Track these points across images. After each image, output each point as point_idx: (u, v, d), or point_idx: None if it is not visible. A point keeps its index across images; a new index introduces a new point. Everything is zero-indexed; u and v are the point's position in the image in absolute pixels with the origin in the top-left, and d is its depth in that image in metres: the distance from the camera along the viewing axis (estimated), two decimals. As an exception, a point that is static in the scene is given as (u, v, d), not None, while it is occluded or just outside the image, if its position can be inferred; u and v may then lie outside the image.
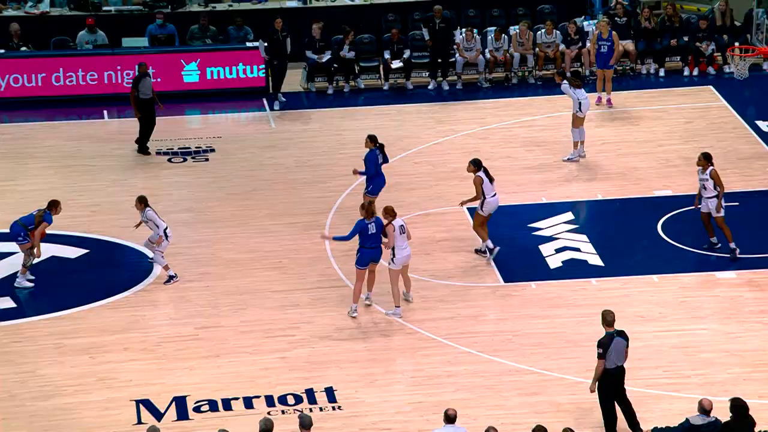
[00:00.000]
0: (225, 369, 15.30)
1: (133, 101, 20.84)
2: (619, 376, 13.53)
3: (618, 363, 13.49)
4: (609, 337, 13.47)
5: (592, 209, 19.26)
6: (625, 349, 13.55)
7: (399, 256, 15.99)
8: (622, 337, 13.56)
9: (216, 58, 23.24)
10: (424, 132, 21.83)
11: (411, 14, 24.50)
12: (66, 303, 16.76)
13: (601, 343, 13.47)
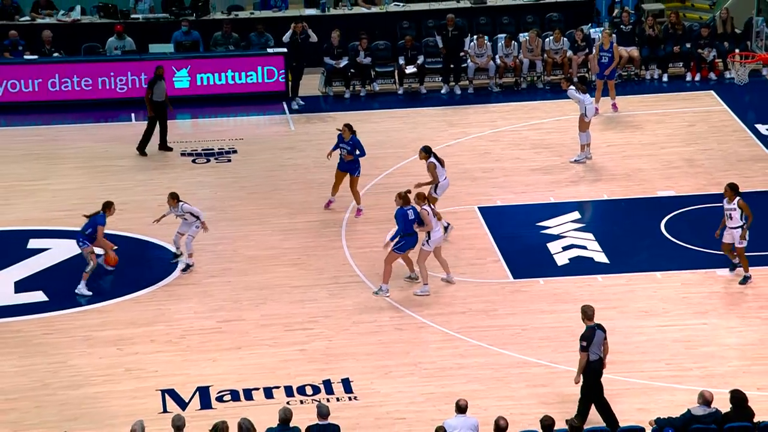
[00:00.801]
0: (246, 360, 15.32)
1: (148, 102, 20.90)
2: (599, 367, 13.51)
3: (600, 354, 13.49)
4: (591, 330, 13.48)
5: (597, 209, 19.21)
6: (603, 341, 13.54)
7: (433, 238, 16.35)
8: (601, 329, 13.54)
9: (238, 64, 23.25)
10: (437, 134, 21.80)
11: (425, 22, 24.48)
12: (95, 297, 16.79)
13: (584, 337, 13.49)
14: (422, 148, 17.89)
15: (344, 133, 18.51)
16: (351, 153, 18.51)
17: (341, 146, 18.59)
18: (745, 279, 16.40)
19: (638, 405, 14.16)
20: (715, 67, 23.48)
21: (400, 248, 16.41)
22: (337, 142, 18.70)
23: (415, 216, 16.35)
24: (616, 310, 16.21)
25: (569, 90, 20.01)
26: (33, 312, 16.47)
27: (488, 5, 24.70)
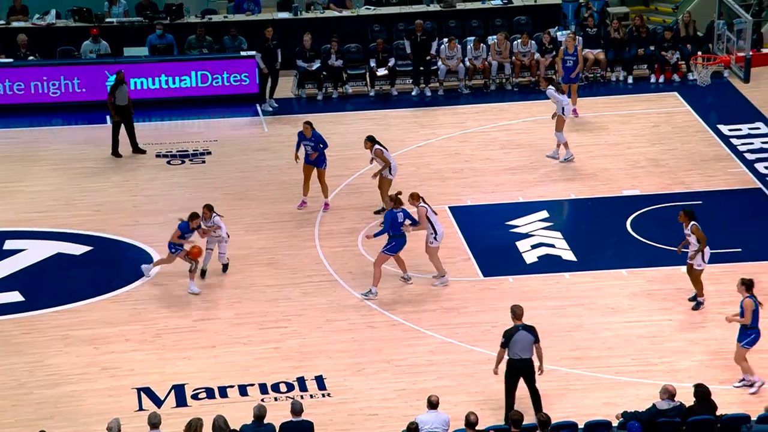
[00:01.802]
0: (221, 359, 15.26)
1: (111, 107, 20.78)
2: (524, 368, 13.54)
3: (522, 355, 13.49)
4: (513, 329, 13.56)
5: (565, 208, 19.27)
6: (532, 345, 13.52)
7: (440, 232, 16.54)
8: (528, 331, 13.55)
9: (211, 66, 23.16)
10: (408, 135, 21.80)
11: (395, 25, 24.47)
12: (71, 297, 16.68)
13: (504, 333, 13.59)
14: (366, 138, 18.38)
15: (306, 131, 18.62)
16: (315, 149, 18.55)
17: (304, 144, 18.63)
18: (698, 304, 15.85)
19: (605, 399, 14.23)
20: (679, 69, 23.61)
21: (389, 249, 16.37)
22: (299, 141, 18.72)
23: (404, 218, 16.34)
24: (584, 307, 16.27)
25: (548, 90, 20.08)
26: (9, 312, 16.34)
27: (457, 9, 24.73)
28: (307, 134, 18.65)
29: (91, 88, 22.90)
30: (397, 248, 16.35)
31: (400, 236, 16.32)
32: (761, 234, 18.07)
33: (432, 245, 16.56)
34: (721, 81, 23.07)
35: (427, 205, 16.61)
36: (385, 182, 18.44)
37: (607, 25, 24.11)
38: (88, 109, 22.88)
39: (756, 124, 21.66)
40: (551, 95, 20.03)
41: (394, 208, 16.36)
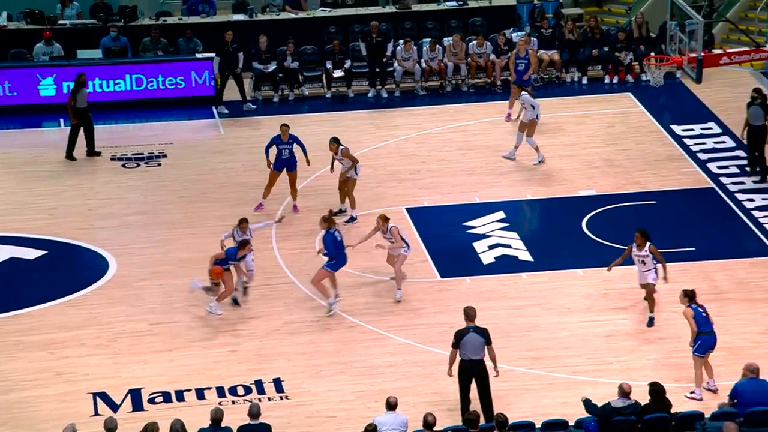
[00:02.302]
0: (178, 362, 15.16)
1: (70, 110, 20.59)
2: (476, 369, 13.58)
3: (472, 357, 13.54)
4: (464, 331, 13.62)
5: (522, 208, 19.34)
6: (483, 346, 13.56)
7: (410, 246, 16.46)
8: (478, 333, 13.60)
9: (167, 69, 23.01)
10: (365, 137, 21.78)
11: (351, 26, 24.45)
12: (25, 301, 16.47)
13: (455, 334, 13.66)
14: (331, 139, 18.43)
15: (283, 134, 18.60)
16: (292, 152, 18.61)
17: (281, 147, 18.54)
18: (651, 321, 15.64)
19: (562, 399, 14.29)
20: (632, 70, 23.79)
21: (331, 267, 16.13)
22: (272, 143, 18.57)
23: (341, 236, 16.15)
24: (540, 307, 16.34)
25: (524, 95, 20.02)
26: (-38, 318, 16.12)
27: (413, 10, 24.75)
28: (284, 138, 18.55)
29: (27, 92, 22.59)
30: (338, 266, 16.09)
31: (340, 255, 16.07)
32: (714, 233, 18.26)
33: (403, 253, 16.29)
34: (673, 81, 23.28)
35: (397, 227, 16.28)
36: (350, 182, 18.43)
37: (561, 26, 24.25)
38: (41, 112, 22.64)
39: (708, 125, 21.88)
40: (527, 100, 19.97)
41: (329, 229, 16.02)
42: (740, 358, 14.52)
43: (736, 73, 23.60)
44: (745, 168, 19.91)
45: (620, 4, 26.59)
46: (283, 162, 18.70)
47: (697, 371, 14.19)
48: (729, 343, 15.24)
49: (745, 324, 15.75)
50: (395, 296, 16.34)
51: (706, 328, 14.12)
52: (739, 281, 16.80)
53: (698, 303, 14.27)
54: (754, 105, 19.12)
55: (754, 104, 19.11)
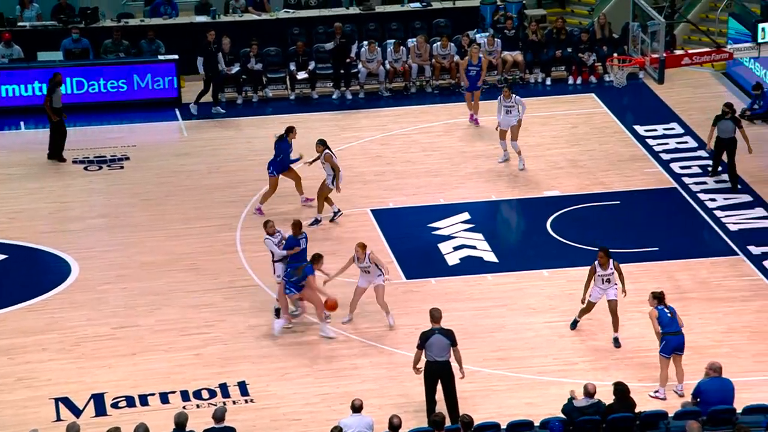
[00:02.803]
0: (141, 366, 15.07)
1: (49, 109, 20.43)
2: (441, 370, 13.60)
3: (437, 358, 13.56)
4: (430, 332, 13.66)
5: (486, 209, 19.39)
6: (448, 347, 13.58)
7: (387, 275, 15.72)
8: (443, 335, 13.63)
9: (129, 71, 22.86)
10: (329, 139, 21.55)
11: (315, 28, 24.42)
12: (-14, 307, 16.33)
13: (421, 335, 13.70)
14: (318, 141, 18.31)
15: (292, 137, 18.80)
16: None
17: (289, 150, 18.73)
18: (616, 341, 15.31)
19: (528, 399, 14.34)
20: (595, 71, 23.93)
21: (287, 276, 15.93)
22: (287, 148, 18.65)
23: (306, 245, 15.92)
24: (506, 308, 16.39)
25: (515, 97, 19.90)
26: None
27: (377, 12, 24.76)
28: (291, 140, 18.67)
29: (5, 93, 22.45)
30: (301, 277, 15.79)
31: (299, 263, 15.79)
32: (677, 233, 18.40)
33: (382, 282, 15.67)
34: (636, 82, 23.44)
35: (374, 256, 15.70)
36: (326, 190, 18.29)
37: (525, 27, 24.35)
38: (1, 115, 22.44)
39: (671, 125, 22.05)
40: (518, 102, 19.80)
41: (296, 235, 15.82)
42: (703, 357, 14.64)
43: (697, 74, 23.82)
44: (707, 168, 20.08)
45: (583, 5, 26.75)
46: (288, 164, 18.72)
47: (663, 371, 14.29)
48: (692, 343, 15.33)
49: (707, 323, 15.89)
50: (388, 322, 15.75)
51: (670, 329, 14.21)
52: (702, 281, 16.95)
53: (666, 304, 14.36)
54: (724, 119, 18.97)
55: (725, 118, 18.96)
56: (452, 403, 13.72)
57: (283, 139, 18.80)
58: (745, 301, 16.40)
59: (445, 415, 13.14)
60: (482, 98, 22.71)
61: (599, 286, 15.29)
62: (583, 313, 15.60)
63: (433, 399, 13.74)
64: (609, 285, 15.27)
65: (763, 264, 17.30)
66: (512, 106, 19.90)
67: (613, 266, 15.24)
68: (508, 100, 19.82)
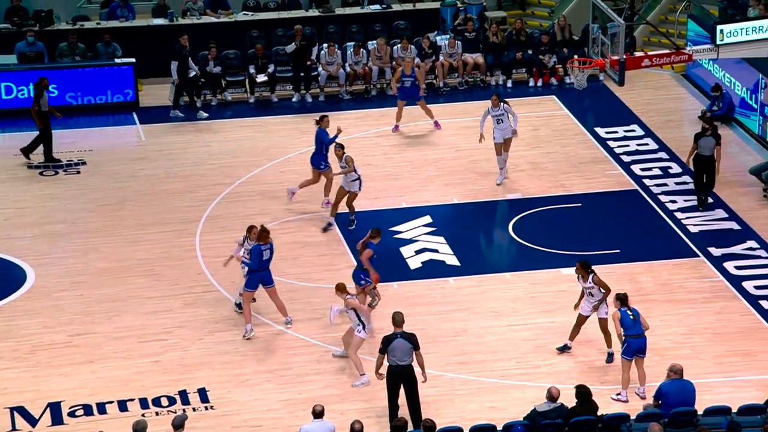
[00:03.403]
0: (99, 374, 14.94)
1: (35, 114, 20.34)
2: (403, 374, 13.59)
3: (400, 362, 13.57)
4: (392, 336, 13.69)
5: (448, 212, 19.42)
6: (411, 352, 13.58)
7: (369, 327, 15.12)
8: (406, 339, 13.64)
9: (85, 74, 22.66)
10: (290, 142, 21.70)
11: (274, 30, 24.35)
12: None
13: (383, 339, 13.73)
14: (337, 145, 18.18)
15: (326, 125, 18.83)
16: None
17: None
18: (610, 356, 15.14)
19: (490, 403, 14.37)
20: (556, 73, 24.04)
21: (249, 285, 15.71)
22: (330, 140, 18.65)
23: (270, 255, 15.76)
24: (468, 311, 16.41)
25: (504, 106, 19.37)
26: None
27: (336, 14, 24.74)
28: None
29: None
30: (254, 284, 15.57)
31: (261, 271, 15.56)
32: (639, 235, 18.52)
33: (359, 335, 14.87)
34: (597, 84, 23.57)
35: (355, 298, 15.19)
36: (342, 192, 18.11)
37: (485, 29, 24.42)
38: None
39: (631, 127, 22.20)
40: (509, 111, 19.35)
41: (260, 243, 15.63)
42: (664, 359, 14.76)
43: (657, 75, 24.01)
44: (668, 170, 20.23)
45: (543, 7, 26.88)
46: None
47: (624, 374, 14.36)
48: (653, 344, 15.43)
49: (668, 325, 16.00)
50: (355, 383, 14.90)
51: (632, 331, 14.28)
52: (663, 282, 17.07)
53: (629, 306, 14.42)
54: (704, 136, 18.59)
55: (705, 135, 18.60)
56: (415, 408, 13.71)
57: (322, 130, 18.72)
58: (706, 302, 16.54)
59: (408, 419, 13.13)
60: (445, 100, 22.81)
61: (587, 299, 15.08)
62: (574, 332, 15.20)
63: (395, 404, 13.73)
64: (594, 299, 15.01)
65: (724, 266, 17.46)
66: (502, 114, 19.25)
67: (594, 280, 14.93)
68: (497, 109, 19.24)
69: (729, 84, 22.46)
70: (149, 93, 23.27)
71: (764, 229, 18.41)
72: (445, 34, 24.31)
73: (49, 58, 23.14)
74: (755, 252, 17.83)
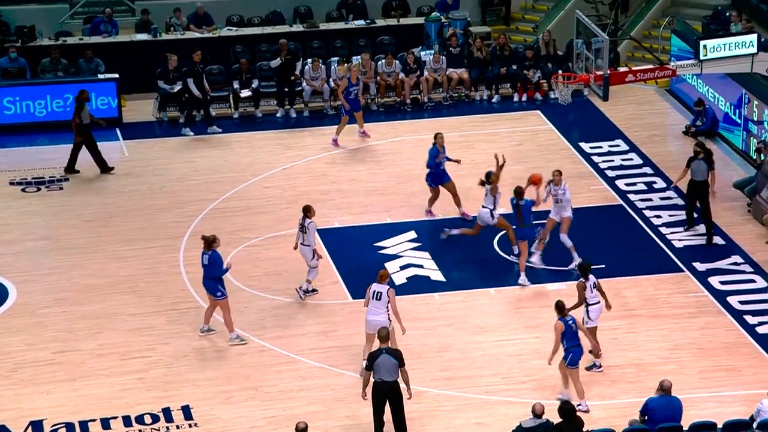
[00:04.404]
0: (82, 392, 14.88)
1: (75, 127, 20.52)
2: (389, 391, 13.61)
3: (385, 378, 13.58)
4: (377, 352, 13.70)
5: (433, 228, 19.44)
6: (396, 368, 13.60)
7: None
8: (391, 355, 13.66)
9: (68, 90, 22.63)
10: (274, 158, 21.72)
11: (258, 46, 24.39)
12: None
13: (368, 356, 13.74)
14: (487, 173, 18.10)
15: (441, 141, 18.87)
16: None
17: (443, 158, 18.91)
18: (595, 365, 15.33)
19: (475, 419, 14.38)
20: (541, 88, 24.15)
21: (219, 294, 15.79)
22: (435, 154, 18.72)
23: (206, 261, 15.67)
24: (453, 327, 16.43)
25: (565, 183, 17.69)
26: None
27: (321, 29, 24.80)
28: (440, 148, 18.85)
29: None
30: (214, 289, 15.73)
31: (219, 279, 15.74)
32: (623, 250, 18.58)
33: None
34: (581, 99, 23.69)
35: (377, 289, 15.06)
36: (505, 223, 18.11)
37: (470, 44, 24.52)
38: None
39: (616, 142, 22.31)
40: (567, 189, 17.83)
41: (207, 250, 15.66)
42: (650, 375, 14.81)
43: (641, 91, 24.14)
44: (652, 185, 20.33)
45: (527, 22, 27.02)
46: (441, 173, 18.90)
47: (577, 384, 14.43)
48: (639, 360, 15.51)
49: (654, 340, 16.06)
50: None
51: (574, 342, 14.38)
52: (648, 297, 17.14)
53: (568, 315, 14.47)
54: (697, 159, 18.34)
55: (697, 159, 18.35)
56: (400, 425, 13.71)
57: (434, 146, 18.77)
58: (691, 317, 16.60)
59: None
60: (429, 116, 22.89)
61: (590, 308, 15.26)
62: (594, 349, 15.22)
63: (380, 420, 13.73)
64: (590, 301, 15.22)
65: (709, 281, 17.53)
66: (563, 193, 17.78)
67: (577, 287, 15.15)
68: (558, 187, 17.77)
69: (713, 99, 22.61)
70: (133, 108, 23.26)
71: (748, 243, 18.51)
72: (430, 49, 24.40)
73: (32, 73, 23.12)
74: (740, 267, 17.91)
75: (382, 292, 14.99)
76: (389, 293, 14.95)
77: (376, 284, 15.07)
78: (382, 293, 14.98)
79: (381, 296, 14.98)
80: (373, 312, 14.99)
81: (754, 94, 21.05)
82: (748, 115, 21.31)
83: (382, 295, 14.97)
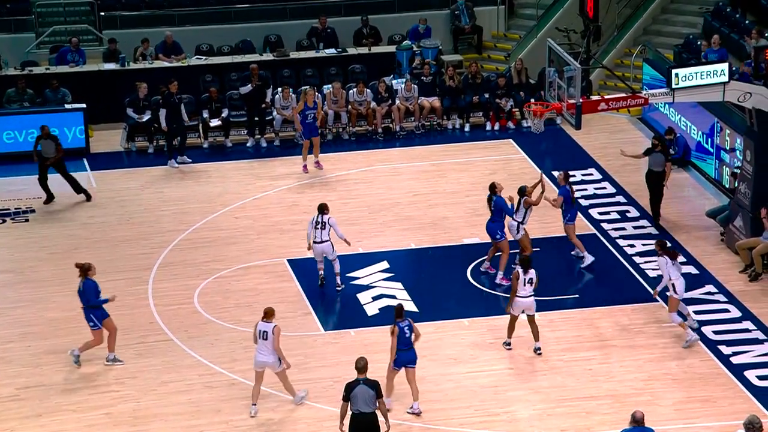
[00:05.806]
0: (49, 428, 14.78)
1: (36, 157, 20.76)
2: (366, 423, 13.62)
3: (362, 410, 13.60)
4: (354, 383, 13.72)
5: (405, 258, 19.50)
6: (374, 399, 13.65)
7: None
8: (368, 386, 13.69)
9: (34, 121, 22.56)
10: (244, 188, 21.73)
11: (228, 74, 24.45)
12: None
13: (345, 387, 13.77)
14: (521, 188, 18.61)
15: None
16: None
17: None
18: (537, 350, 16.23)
19: (450, 452, 14.38)
20: (513, 116, 24.32)
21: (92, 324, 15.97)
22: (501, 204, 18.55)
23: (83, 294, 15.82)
24: (426, 358, 16.41)
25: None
26: None
27: (291, 58, 24.89)
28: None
29: None
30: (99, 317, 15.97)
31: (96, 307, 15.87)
32: (597, 279, 18.69)
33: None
34: (554, 127, 23.86)
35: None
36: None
37: (442, 73, 24.68)
38: None
39: (589, 170, 22.47)
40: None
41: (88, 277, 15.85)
42: (624, 406, 14.86)
43: (614, 119, 24.35)
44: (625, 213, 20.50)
45: (499, 50, 27.23)
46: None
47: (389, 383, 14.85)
48: (613, 391, 15.57)
49: (628, 371, 16.12)
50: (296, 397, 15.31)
51: (404, 346, 14.80)
52: (622, 327, 17.22)
53: (404, 319, 14.89)
54: (655, 152, 19.99)
55: (655, 151, 19.99)
56: None
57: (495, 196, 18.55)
58: (665, 348, 16.69)
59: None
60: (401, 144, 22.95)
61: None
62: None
63: None
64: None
65: (682, 310, 17.64)
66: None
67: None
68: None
69: (685, 128, 22.84)
70: (100, 138, 23.22)
71: (722, 273, 18.66)
72: (401, 77, 24.54)
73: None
74: (714, 296, 18.04)
75: (267, 331, 14.81)
76: (274, 331, 14.78)
77: (261, 322, 14.87)
78: (268, 332, 14.80)
79: (267, 336, 14.79)
80: (261, 352, 14.85)
81: (726, 123, 21.29)
82: (721, 143, 21.54)
83: (267, 334, 14.80)
